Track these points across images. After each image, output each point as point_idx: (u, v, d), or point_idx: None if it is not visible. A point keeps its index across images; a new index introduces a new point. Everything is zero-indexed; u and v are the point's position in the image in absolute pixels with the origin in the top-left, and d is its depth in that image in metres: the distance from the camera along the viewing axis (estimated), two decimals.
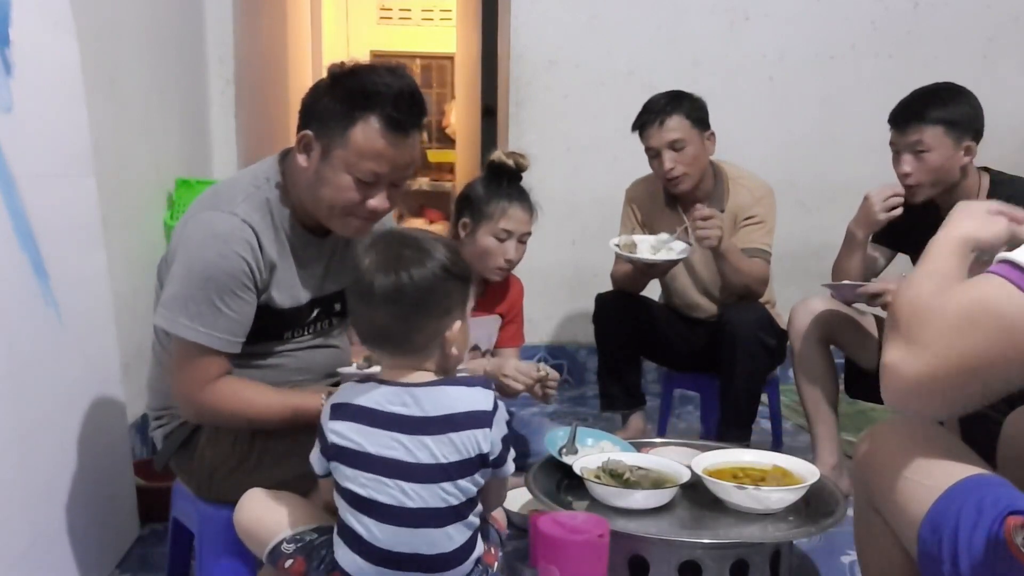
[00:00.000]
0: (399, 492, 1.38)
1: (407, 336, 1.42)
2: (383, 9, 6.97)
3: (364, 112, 1.60)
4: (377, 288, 1.38)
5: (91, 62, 2.13)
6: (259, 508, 1.57)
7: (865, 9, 3.76)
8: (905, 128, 2.36)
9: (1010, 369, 1.08)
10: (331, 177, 1.64)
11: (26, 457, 1.65)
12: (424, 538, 1.39)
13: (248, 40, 3.50)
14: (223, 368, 1.66)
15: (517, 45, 3.69)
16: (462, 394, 1.42)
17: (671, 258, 2.61)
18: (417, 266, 1.39)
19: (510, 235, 2.37)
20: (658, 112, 2.65)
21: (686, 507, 1.94)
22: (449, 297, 1.43)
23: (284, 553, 1.49)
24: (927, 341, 1.10)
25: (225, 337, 1.64)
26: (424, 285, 1.39)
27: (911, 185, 2.38)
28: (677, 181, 2.67)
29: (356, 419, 1.41)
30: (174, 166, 2.89)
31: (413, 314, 1.40)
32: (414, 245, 1.42)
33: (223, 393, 1.66)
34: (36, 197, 1.73)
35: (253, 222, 1.65)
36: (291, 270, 1.74)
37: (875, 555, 1.42)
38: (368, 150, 1.61)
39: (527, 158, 2.42)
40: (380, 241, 1.44)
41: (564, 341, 3.82)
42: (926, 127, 2.33)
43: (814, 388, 2.51)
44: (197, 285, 1.61)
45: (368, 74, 1.63)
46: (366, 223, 1.71)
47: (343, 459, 1.41)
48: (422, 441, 1.38)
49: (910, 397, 1.14)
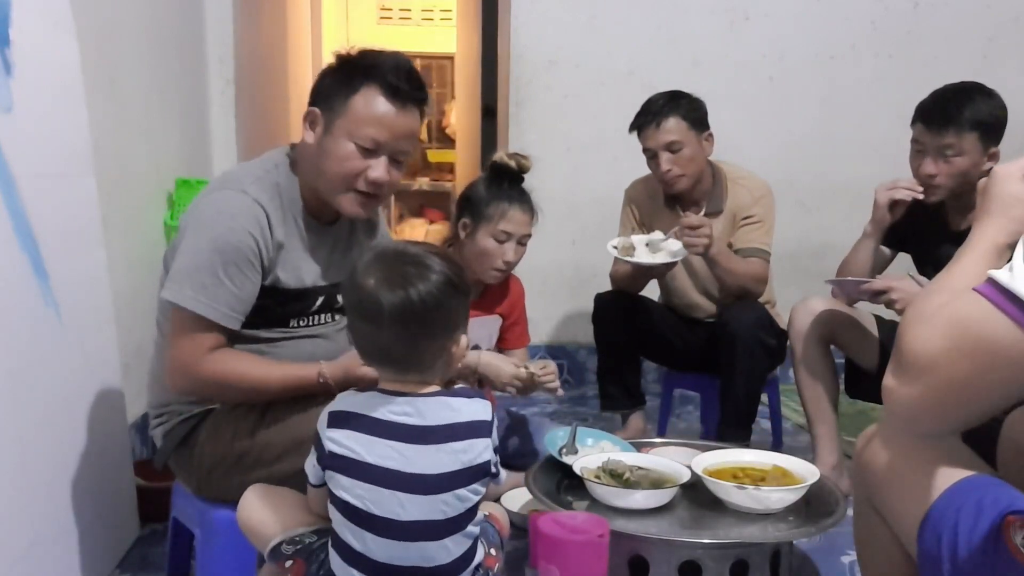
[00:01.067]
0: (396, 504, 1.36)
1: (415, 355, 1.41)
2: (383, 9, 6.96)
3: (364, 81, 1.70)
4: (386, 307, 1.35)
5: (91, 62, 2.13)
6: (260, 505, 1.56)
7: (865, 9, 3.76)
8: (940, 130, 2.29)
9: (1007, 387, 1.05)
10: (333, 147, 1.71)
11: (26, 457, 1.65)
12: (420, 551, 1.37)
13: (248, 40, 3.50)
14: (221, 341, 1.68)
15: (517, 45, 3.69)
16: (463, 405, 1.41)
17: (668, 261, 2.61)
18: (423, 282, 1.36)
19: (509, 237, 2.37)
20: (655, 113, 2.66)
21: (686, 507, 1.94)
22: (455, 312, 1.42)
23: (284, 554, 1.49)
24: (917, 368, 1.08)
25: (225, 311, 1.66)
26: (431, 302, 1.36)
27: (934, 186, 2.34)
28: (674, 182, 2.68)
29: (355, 428, 1.38)
30: (174, 166, 2.89)
31: (421, 334, 1.39)
32: (416, 262, 1.39)
33: (220, 363, 1.68)
34: (36, 197, 1.73)
35: (263, 201, 1.71)
36: (298, 252, 1.78)
37: (875, 555, 1.42)
38: (367, 116, 1.70)
39: (529, 159, 2.42)
40: (380, 260, 1.41)
41: (564, 341, 3.82)
42: (964, 132, 2.27)
43: (814, 388, 2.51)
44: (205, 258, 1.65)
45: (370, 53, 1.74)
46: (369, 200, 1.77)
47: (340, 468, 1.38)
48: (422, 451, 1.37)
49: (911, 421, 1.14)
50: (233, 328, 1.69)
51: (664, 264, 2.63)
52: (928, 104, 2.36)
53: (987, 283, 1.03)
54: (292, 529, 1.51)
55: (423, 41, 6.91)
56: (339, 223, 1.87)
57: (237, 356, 1.71)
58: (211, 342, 1.67)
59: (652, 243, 2.63)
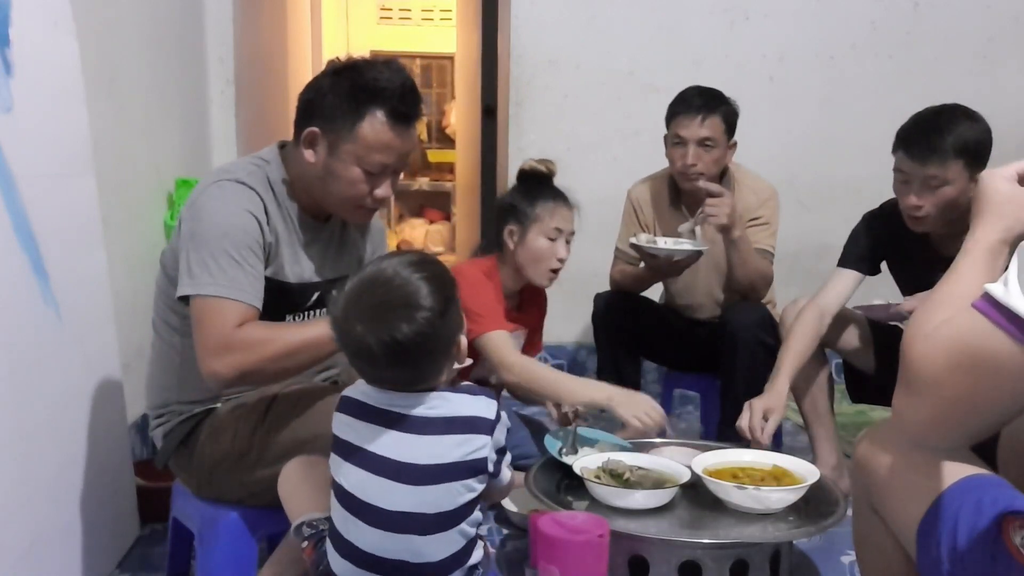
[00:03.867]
0: (383, 492, 1.36)
1: (419, 378, 1.41)
2: (383, 9, 6.97)
3: (371, 107, 1.69)
4: (378, 352, 1.35)
5: (91, 62, 2.13)
6: (296, 480, 1.58)
7: (865, 9, 3.76)
8: (924, 161, 2.16)
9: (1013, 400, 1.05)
10: (341, 171, 1.72)
11: (26, 457, 1.65)
12: (407, 544, 1.37)
13: (248, 40, 3.50)
14: (251, 315, 1.65)
15: (517, 45, 3.69)
16: (466, 400, 1.42)
17: (697, 248, 2.59)
18: (409, 323, 1.34)
19: (560, 234, 2.40)
20: (700, 107, 2.66)
21: (686, 507, 1.94)
22: (450, 329, 1.41)
23: (303, 535, 1.51)
24: (921, 388, 1.08)
25: (248, 290, 1.65)
26: (421, 338, 1.35)
27: (920, 217, 2.23)
28: (694, 177, 2.68)
29: (357, 414, 1.41)
30: (174, 166, 2.89)
31: (421, 361, 1.39)
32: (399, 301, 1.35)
33: (254, 329, 1.64)
34: (36, 197, 1.73)
35: (259, 191, 1.72)
36: (293, 246, 1.79)
37: (874, 555, 1.42)
38: (376, 143, 1.70)
39: (555, 164, 2.48)
40: (360, 300, 1.38)
41: (564, 341, 3.81)
42: (949, 161, 2.14)
43: (809, 389, 2.50)
44: (214, 245, 1.64)
45: (369, 70, 1.71)
46: (371, 211, 1.83)
47: (340, 451, 1.41)
48: (416, 440, 1.38)
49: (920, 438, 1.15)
50: (257, 307, 1.66)
51: (692, 254, 2.60)
52: (910, 132, 2.22)
53: (983, 299, 1.03)
54: (315, 512, 1.52)
55: (423, 41, 6.92)
56: (333, 219, 1.87)
57: (263, 323, 1.68)
58: (239, 317, 1.63)
59: (673, 245, 2.63)
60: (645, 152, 3.09)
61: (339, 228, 1.90)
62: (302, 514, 1.53)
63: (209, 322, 1.63)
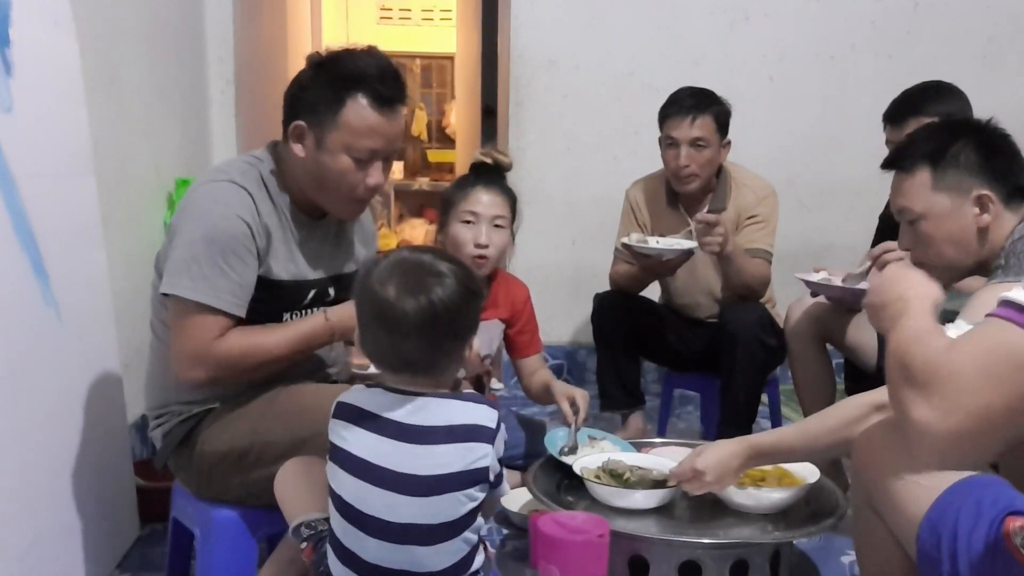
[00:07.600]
0: (384, 504, 1.35)
1: (436, 360, 1.41)
2: (383, 9, 6.96)
3: (352, 93, 1.69)
4: (411, 315, 1.35)
5: (91, 62, 2.13)
6: (294, 480, 1.58)
7: (865, 9, 3.76)
8: (902, 122, 2.30)
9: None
10: (329, 162, 1.72)
11: (26, 457, 1.65)
12: (410, 555, 1.36)
13: (248, 40, 3.50)
14: (227, 327, 1.68)
15: (517, 45, 3.69)
16: (466, 408, 1.41)
17: (687, 247, 2.59)
18: (443, 288, 1.37)
19: (477, 217, 2.28)
20: (691, 108, 2.66)
21: (686, 507, 1.94)
22: (472, 316, 1.43)
23: (302, 536, 1.50)
24: (953, 398, 1.09)
25: (228, 298, 1.66)
26: (453, 308, 1.37)
27: None
28: (688, 179, 2.68)
29: (356, 422, 1.39)
30: (174, 166, 2.89)
31: (444, 339, 1.40)
32: (432, 270, 1.39)
33: (231, 342, 1.67)
34: (36, 197, 1.73)
35: (251, 190, 1.72)
36: (288, 244, 1.79)
37: (874, 555, 1.42)
38: (362, 128, 1.70)
39: (509, 156, 2.39)
40: (396, 269, 1.40)
41: (564, 341, 3.81)
42: (925, 119, 2.23)
43: (810, 388, 2.50)
44: (201, 248, 1.65)
45: (348, 58, 1.73)
46: (364, 203, 1.82)
47: (337, 460, 1.39)
48: (418, 450, 1.36)
49: (947, 454, 1.15)
50: (239, 316, 1.69)
51: (683, 253, 2.60)
52: (891, 105, 2.38)
53: (1006, 307, 1.04)
54: (313, 512, 1.51)
55: (423, 41, 6.92)
56: (327, 216, 1.87)
57: (244, 331, 1.70)
58: (218, 329, 1.66)
59: (669, 245, 2.63)
60: (645, 152, 3.09)
61: (335, 224, 1.90)
62: (299, 515, 1.52)
63: (187, 331, 1.67)
